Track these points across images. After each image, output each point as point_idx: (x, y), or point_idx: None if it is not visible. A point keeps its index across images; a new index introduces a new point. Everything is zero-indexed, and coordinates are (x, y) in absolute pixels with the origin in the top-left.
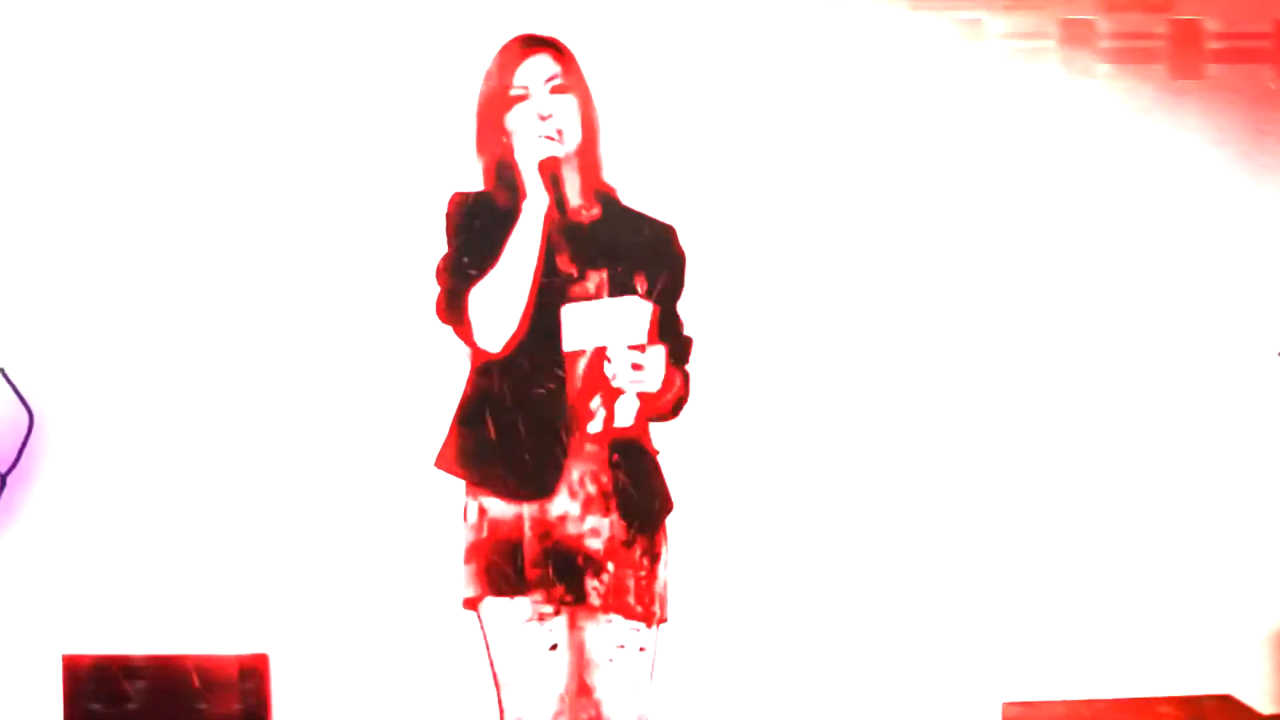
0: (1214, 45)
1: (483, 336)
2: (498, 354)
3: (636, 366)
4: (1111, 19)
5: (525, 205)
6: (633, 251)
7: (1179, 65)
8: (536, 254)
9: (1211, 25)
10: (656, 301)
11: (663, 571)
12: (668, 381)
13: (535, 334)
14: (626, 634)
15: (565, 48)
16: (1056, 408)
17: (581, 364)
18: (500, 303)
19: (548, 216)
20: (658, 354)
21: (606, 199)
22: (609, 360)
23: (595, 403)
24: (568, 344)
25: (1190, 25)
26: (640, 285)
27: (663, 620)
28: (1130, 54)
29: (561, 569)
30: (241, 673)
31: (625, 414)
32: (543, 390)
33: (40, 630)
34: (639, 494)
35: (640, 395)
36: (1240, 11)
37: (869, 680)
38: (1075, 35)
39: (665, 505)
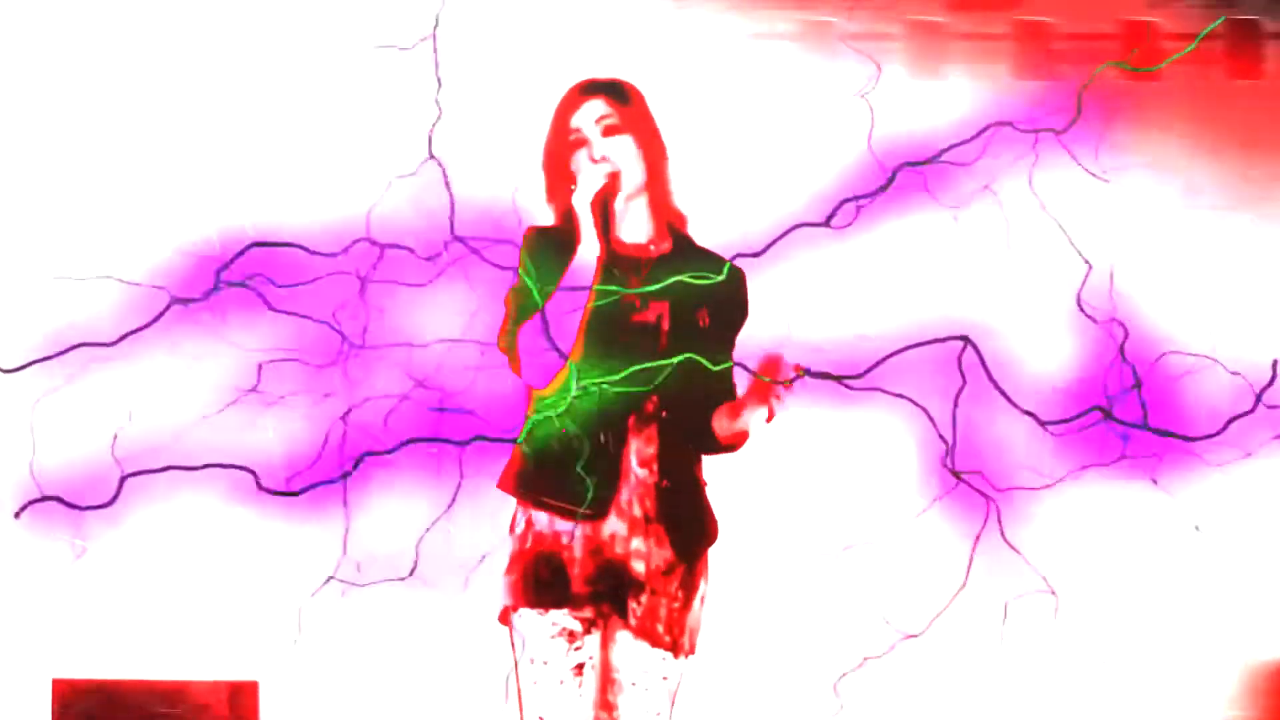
0: (1059, 46)
1: (528, 372)
2: (541, 390)
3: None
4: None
5: (579, 249)
6: (698, 289)
7: (1025, 65)
8: (587, 297)
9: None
10: (718, 339)
11: (698, 605)
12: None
13: (592, 357)
14: (651, 660)
15: (626, 87)
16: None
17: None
18: (547, 342)
19: (601, 256)
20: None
21: (678, 234)
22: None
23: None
24: None
25: (1035, 26)
26: (702, 320)
27: (690, 653)
28: (978, 53)
29: (609, 587)
30: (231, 700)
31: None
32: (598, 413)
33: (31, 654)
34: (682, 522)
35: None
36: (1084, 11)
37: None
38: (923, 35)
39: (707, 537)
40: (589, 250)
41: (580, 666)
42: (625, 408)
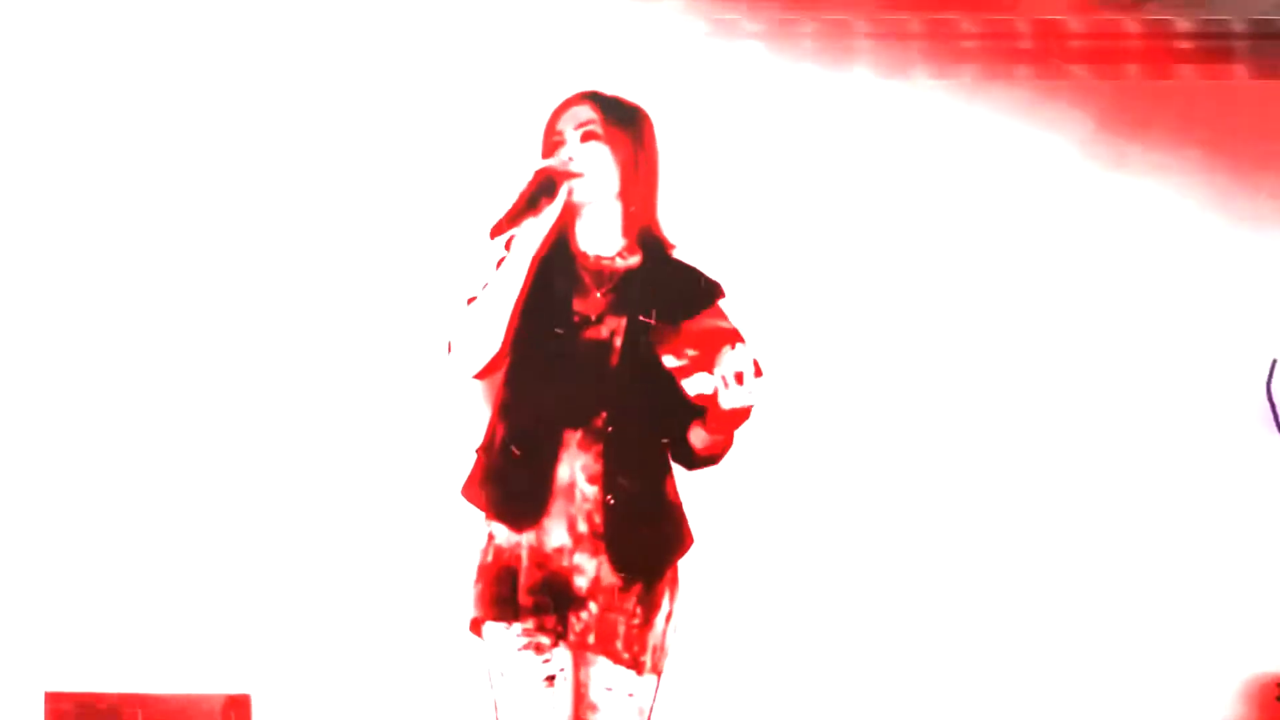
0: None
1: (460, 359)
2: (476, 377)
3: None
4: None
5: (513, 242)
6: (663, 304)
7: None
8: (521, 284)
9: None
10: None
11: (661, 622)
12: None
13: (537, 367)
14: (614, 678)
15: (625, 104)
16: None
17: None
18: (479, 329)
19: (539, 254)
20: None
21: (654, 250)
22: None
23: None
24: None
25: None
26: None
27: (655, 671)
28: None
29: (554, 600)
30: (225, 712)
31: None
32: (540, 422)
33: (23, 667)
34: (633, 539)
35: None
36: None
37: None
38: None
39: (667, 556)
40: (523, 243)
41: (551, 678)
42: (559, 421)
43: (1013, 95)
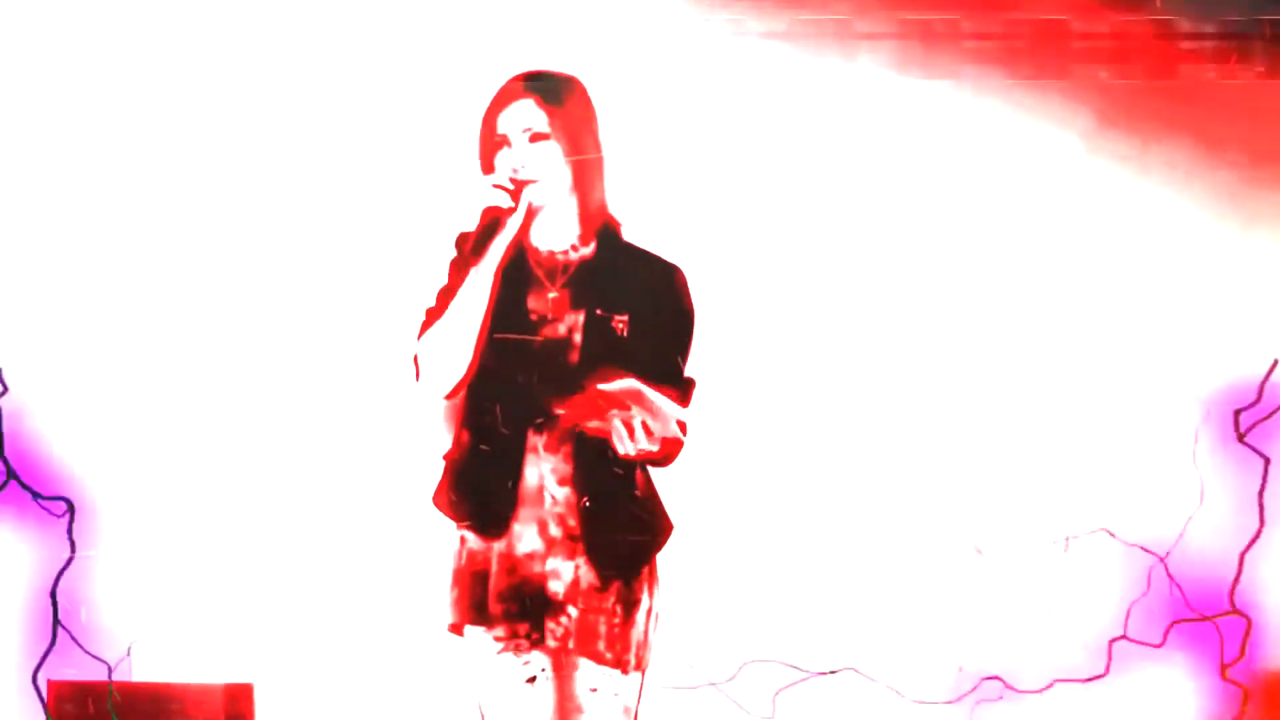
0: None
1: (428, 380)
2: (447, 398)
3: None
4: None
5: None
6: (621, 295)
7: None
8: (486, 300)
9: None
10: (652, 349)
11: (642, 619)
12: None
13: (501, 373)
14: (599, 678)
15: (563, 84)
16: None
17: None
18: (447, 350)
19: (503, 262)
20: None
21: (606, 237)
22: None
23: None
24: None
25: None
26: (619, 328)
27: (639, 669)
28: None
29: (526, 606)
30: (226, 702)
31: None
32: (507, 429)
33: (24, 655)
34: (610, 540)
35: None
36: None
37: None
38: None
39: (647, 550)
40: (488, 258)
41: (533, 679)
42: (522, 424)
43: (1014, 94)
